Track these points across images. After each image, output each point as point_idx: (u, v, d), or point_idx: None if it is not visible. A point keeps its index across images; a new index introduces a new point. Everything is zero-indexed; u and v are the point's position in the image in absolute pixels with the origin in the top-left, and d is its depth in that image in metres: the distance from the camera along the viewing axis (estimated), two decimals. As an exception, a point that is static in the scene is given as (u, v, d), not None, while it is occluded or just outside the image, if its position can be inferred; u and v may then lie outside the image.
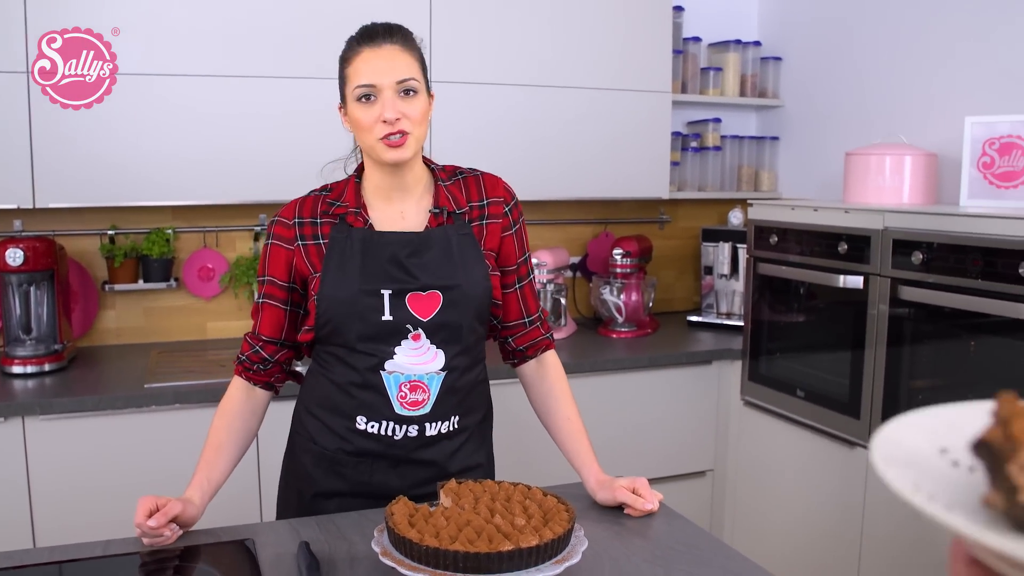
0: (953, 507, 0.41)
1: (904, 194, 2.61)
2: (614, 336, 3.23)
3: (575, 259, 3.51)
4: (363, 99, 1.52)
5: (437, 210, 1.61)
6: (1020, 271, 1.99)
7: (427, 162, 1.67)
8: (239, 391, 1.65)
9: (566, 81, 3.04)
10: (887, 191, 2.62)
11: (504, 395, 2.36)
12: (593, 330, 3.33)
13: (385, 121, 1.50)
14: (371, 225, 1.59)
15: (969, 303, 2.11)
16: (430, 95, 1.59)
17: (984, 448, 0.42)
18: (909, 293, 2.29)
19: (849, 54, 3.20)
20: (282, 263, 1.62)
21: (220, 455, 1.59)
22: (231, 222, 3.06)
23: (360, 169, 1.66)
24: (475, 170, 1.71)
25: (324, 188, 1.65)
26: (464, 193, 1.65)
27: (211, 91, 2.64)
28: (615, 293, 3.22)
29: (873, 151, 2.65)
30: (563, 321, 3.22)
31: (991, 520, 0.41)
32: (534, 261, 3.12)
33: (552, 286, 3.16)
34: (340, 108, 1.61)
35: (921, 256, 2.25)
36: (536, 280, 3.12)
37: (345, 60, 1.57)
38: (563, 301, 3.20)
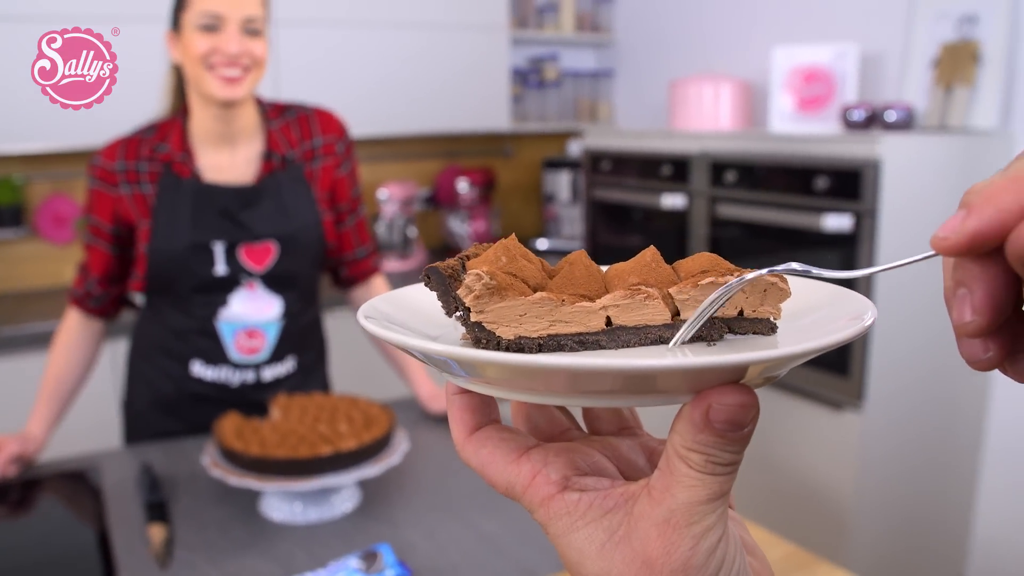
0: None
1: (721, 120, 2.79)
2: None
3: (426, 192, 3.58)
4: (205, 28, 1.44)
5: (268, 154, 1.60)
6: (813, 187, 2.20)
7: (256, 100, 1.63)
8: (75, 322, 1.66)
9: (406, 19, 3.08)
10: (706, 118, 2.80)
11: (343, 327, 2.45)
12: (443, 259, 3.42)
13: (227, 55, 1.45)
14: (199, 175, 1.56)
15: (775, 217, 2.32)
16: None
17: (436, 276, 0.37)
18: (725, 210, 2.48)
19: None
20: (106, 208, 1.58)
21: (60, 386, 1.61)
22: (82, 167, 2.96)
23: (185, 110, 1.59)
24: (306, 107, 1.69)
25: (149, 128, 1.60)
26: (296, 133, 1.63)
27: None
28: (462, 222, 3.32)
29: (692, 81, 2.82)
30: (412, 251, 3.30)
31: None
32: (384, 195, 3.18)
33: (402, 219, 3.23)
34: (170, 34, 1.52)
35: (734, 176, 2.44)
36: (385, 214, 3.20)
37: None
38: (409, 233, 3.28)
